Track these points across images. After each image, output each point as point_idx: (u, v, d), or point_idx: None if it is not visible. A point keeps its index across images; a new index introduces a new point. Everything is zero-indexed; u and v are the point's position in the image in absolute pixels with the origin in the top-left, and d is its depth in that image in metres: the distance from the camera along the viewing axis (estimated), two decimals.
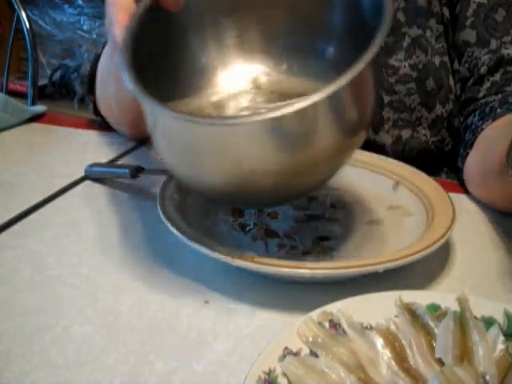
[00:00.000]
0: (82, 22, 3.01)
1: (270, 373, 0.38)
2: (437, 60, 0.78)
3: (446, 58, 0.79)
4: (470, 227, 0.63)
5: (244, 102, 0.62)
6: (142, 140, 0.85)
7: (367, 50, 0.43)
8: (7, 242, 0.59)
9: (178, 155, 0.49)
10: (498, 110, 0.71)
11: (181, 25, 0.58)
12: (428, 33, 0.78)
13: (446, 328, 0.41)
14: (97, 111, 0.88)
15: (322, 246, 0.57)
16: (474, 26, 0.76)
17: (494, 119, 0.70)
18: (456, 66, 0.79)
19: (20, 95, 1.39)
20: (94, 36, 3.01)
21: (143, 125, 0.51)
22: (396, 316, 0.43)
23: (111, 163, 0.75)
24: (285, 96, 0.59)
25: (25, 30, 1.42)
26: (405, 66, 0.78)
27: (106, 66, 0.79)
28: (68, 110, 1.05)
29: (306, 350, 0.40)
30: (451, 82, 0.79)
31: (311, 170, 0.47)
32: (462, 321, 0.42)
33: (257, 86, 0.63)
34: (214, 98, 0.62)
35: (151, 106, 0.46)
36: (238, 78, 0.63)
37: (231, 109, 0.62)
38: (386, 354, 0.40)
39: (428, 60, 0.78)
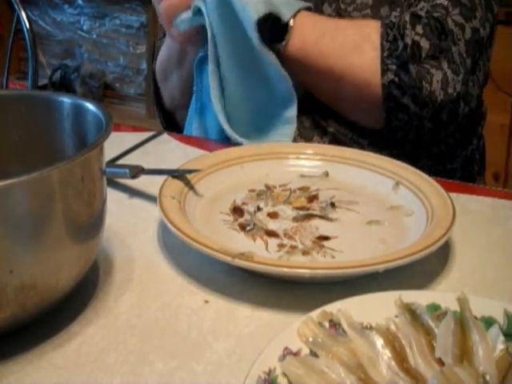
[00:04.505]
0: (82, 22, 3.01)
1: (269, 373, 0.38)
2: None
3: None
4: (470, 227, 0.63)
5: None
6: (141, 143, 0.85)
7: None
8: None
9: None
10: None
11: None
12: None
13: (446, 328, 0.41)
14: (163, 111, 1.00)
15: (322, 245, 0.57)
16: None
17: None
18: None
19: None
20: (94, 36, 3.00)
21: None
22: (396, 316, 0.43)
23: (111, 163, 0.75)
24: None
25: (25, 29, 1.42)
26: None
27: (166, 55, 0.94)
28: None
29: (306, 350, 0.40)
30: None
31: None
32: (462, 321, 0.42)
33: None
34: None
35: None
36: None
37: None
38: (385, 353, 0.40)
39: None
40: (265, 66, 0.80)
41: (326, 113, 0.83)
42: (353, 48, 0.77)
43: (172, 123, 1.00)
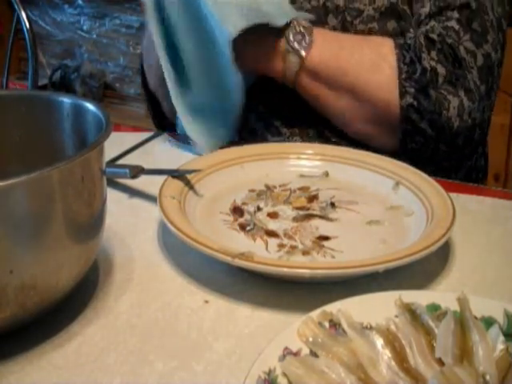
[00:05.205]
0: (82, 22, 3.01)
1: (269, 373, 0.38)
2: (399, 7, 0.81)
3: (406, 7, 0.81)
4: (470, 227, 0.63)
5: None
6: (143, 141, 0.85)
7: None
8: None
9: None
10: None
11: None
12: None
13: (446, 328, 0.41)
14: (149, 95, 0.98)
15: (322, 245, 0.57)
16: None
17: None
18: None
19: None
20: (94, 36, 3.00)
21: None
22: (396, 316, 0.43)
23: (111, 163, 0.75)
24: None
25: (25, 29, 1.42)
26: (368, 10, 0.82)
27: (148, 34, 0.90)
28: None
29: (306, 350, 0.40)
30: (414, 27, 0.82)
31: None
32: (462, 321, 0.42)
33: None
34: None
35: None
36: None
37: None
38: (385, 353, 0.40)
39: (391, 3, 0.81)
40: (225, 80, 0.79)
41: (331, 124, 0.83)
42: (370, 66, 0.77)
43: (162, 118, 1.00)
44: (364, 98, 0.77)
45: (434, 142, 0.77)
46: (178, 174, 0.65)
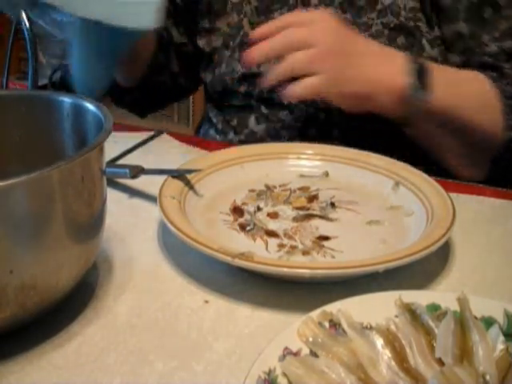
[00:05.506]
0: None
1: (269, 373, 0.38)
2: (410, 24, 0.81)
3: (421, 23, 0.82)
4: (470, 227, 0.63)
5: None
6: (142, 142, 0.85)
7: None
8: None
9: None
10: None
11: None
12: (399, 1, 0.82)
13: (446, 328, 0.41)
14: None
15: (322, 245, 0.57)
16: (467, 19, 0.82)
17: None
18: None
19: None
20: None
21: None
22: (396, 316, 0.43)
23: (111, 163, 0.75)
24: None
25: (25, 29, 1.42)
26: (377, 24, 0.82)
27: None
28: None
29: (306, 350, 0.40)
30: (424, 42, 0.82)
31: None
32: (462, 321, 0.42)
33: None
34: None
35: None
36: None
37: None
38: (385, 354, 0.40)
39: (400, 21, 0.81)
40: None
41: (331, 126, 0.83)
42: (483, 106, 0.77)
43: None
44: (473, 136, 0.77)
45: None
46: (177, 174, 0.65)
